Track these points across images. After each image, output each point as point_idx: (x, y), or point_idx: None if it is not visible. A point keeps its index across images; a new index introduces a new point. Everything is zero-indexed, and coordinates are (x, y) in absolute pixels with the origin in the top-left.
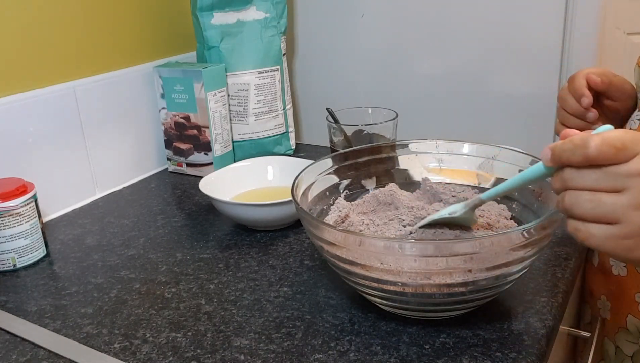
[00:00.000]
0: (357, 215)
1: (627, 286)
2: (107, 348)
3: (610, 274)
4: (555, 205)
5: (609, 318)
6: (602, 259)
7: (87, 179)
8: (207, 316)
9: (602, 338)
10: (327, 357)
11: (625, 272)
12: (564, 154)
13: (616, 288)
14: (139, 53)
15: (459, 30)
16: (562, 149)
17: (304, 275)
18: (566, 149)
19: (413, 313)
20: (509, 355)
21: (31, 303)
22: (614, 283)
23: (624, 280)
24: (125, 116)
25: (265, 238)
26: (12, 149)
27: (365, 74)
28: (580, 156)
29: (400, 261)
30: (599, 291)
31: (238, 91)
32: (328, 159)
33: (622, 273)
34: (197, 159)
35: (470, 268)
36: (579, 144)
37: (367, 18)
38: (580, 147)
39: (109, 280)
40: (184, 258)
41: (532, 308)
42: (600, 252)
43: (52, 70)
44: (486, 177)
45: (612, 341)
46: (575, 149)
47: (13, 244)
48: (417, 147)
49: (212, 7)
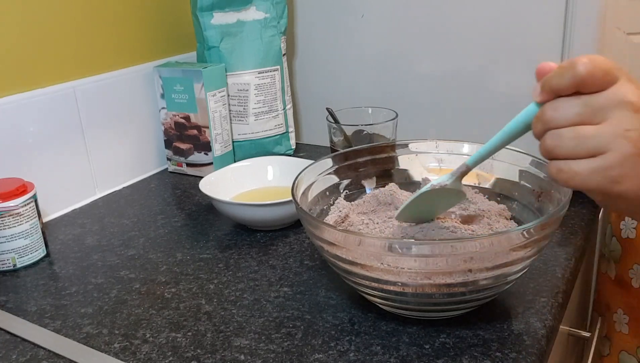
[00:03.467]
0: (357, 215)
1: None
2: (107, 348)
3: (629, 287)
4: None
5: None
6: (620, 272)
7: (87, 179)
8: (207, 316)
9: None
10: (327, 357)
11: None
12: (553, 81)
13: (637, 301)
14: (139, 53)
15: (459, 30)
16: (550, 76)
17: (304, 275)
18: (554, 75)
19: (413, 313)
20: (509, 355)
21: (31, 303)
22: (634, 296)
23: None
24: (125, 116)
25: (265, 238)
26: (12, 149)
27: (365, 74)
28: (570, 78)
29: (400, 261)
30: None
31: (238, 91)
32: (328, 159)
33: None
34: (197, 159)
35: (470, 268)
36: (567, 67)
37: (367, 18)
38: (568, 69)
39: (109, 280)
40: (184, 258)
41: (532, 308)
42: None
43: (52, 70)
44: (486, 177)
45: (633, 355)
46: (563, 73)
47: (13, 244)
48: (417, 147)
49: (212, 7)
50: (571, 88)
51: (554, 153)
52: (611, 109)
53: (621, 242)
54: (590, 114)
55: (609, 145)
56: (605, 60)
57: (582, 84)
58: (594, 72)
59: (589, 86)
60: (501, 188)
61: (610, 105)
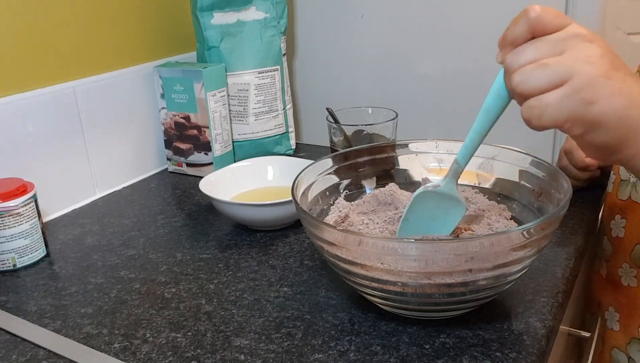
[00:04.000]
0: (357, 215)
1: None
2: (107, 348)
3: (619, 285)
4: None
5: (618, 330)
6: (610, 270)
7: (87, 179)
8: (207, 316)
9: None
10: (327, 357)
11: (635, 283)
12: (508, 34)
13: (626, 299)
14: (139, 53)
15: (459, 30)
16: (506, 32)
17: (304, 275)
18: (509, 28)
19: (413, 313)
20: (509, 355)
21: (31, 303)
22: (624, 294)
23: (634, 291)
24: (125, 116)
25: (265, 238)
26: (12, 149)
27: (365, 74)
28: (524, 25)
29: (400, 261)
30: (607, 303)
31: (238, 91)
32: (328, 159)
33: (632, 283)
34: (197, 159)
35: (470, 268)
36: (520, 16)
37: (367, 18)
38: (521, 17)
39: (109, 280)
40: (184, 258)
41: (532, 308)
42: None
43: (52, 70)
44: (486, 177)
45: (623, 352)
46: (517, 22)
47: (13, 244)
48: (417, 147)
49: (212, 7)
50: (527, 34)
51: (521, 89)
52: (568, 40)
53: (611, 241)
54: (549, 49)
55: (574, 70)
56: (554, 9)
57: (536, 28)
58: (545, 14)
59: (542, 28)
60: (501, 188)
61: (566, 38)
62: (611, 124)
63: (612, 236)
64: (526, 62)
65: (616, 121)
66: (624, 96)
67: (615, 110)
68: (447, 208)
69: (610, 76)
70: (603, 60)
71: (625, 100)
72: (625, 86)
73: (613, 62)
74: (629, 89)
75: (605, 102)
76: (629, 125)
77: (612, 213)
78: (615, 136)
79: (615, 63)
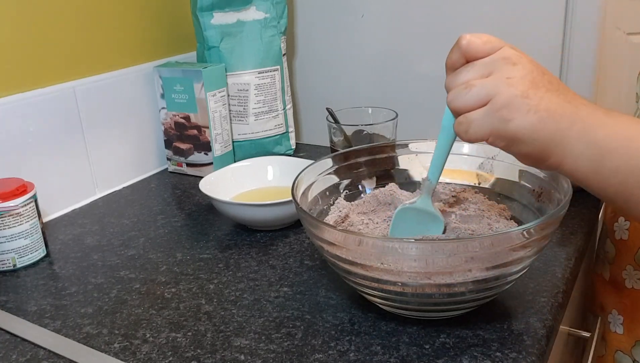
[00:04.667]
0: (357, 215)
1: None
2: (107, 348)
3: (622, 288)
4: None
5: (622, 333)
6: (614, 273)
7: (87, 179)
8: (207, 316)
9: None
10: (327, 357)
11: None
12: (447, 60)
13: (630, 302)
14: (139, 53)
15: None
16: (447, 58)
17: (304, 275)
18: (449, 55)
19: (413, 313)
20: (509, 355)
21: (31, 303)
22: (628, 297)
23: (638, 294)
24: (125, 116)
25: (265, 238)
26: (12, 149)
27: (365, 73)
28: (457, 51)
29: (400, 261)
30: (610, 305)
31: (238, 91)
32: (328, 159)
33: (636, 286)
34: (197, 159)
35: (470, 268)
36: (456, 44)
37: (367, 18)
38: (456, 45)
39: (109, 280)
40: (184, 258)
41: (532, 308)
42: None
43: (52, 70)
44: (486, 177)
45: (627, 355)
46: (453, 49)
47: (13, 244)
48: (417, 147)
49: (212, 7)
50: (461, 59)
51: (454, 108)
52: (494, 64)
53: (615, 243)
54: (477, 72)
55: (495, 90)
56: (486, 35)
57: (467, 54)
58: (474, 41)
59: (474, 53)
60: (501, 188)
61: (492, 61)
62: (527, 138)
63: (616, 239)
64: (459, 84)
65: (531, 135)
66: (539, 112)
67: (530, 125)
68: (426, 223)
69: (528, 95)
70: (522, 81)
71: (539, 116)
72: (542, 102)
73: (533, 82)
74: (546, 105)
75: (521, 118)
76: (546, 137)
77: (615, 215)
78: (535, 148)
79: (537, 81)
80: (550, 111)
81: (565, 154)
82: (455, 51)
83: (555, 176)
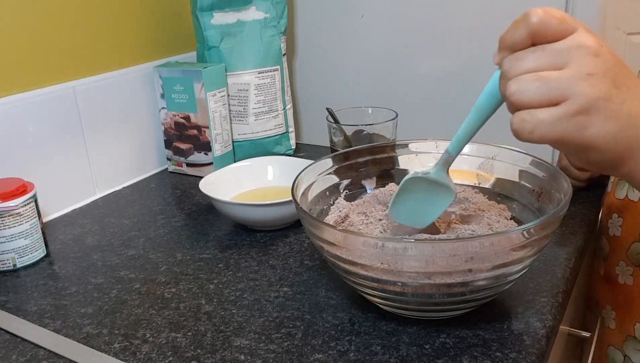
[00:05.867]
0: (357, 215)
1: (634, 295)
2: (107, 348)
3: (616, 283)
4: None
5: (614, 328)
6: (608, 269)
7: (87, 179)
8: (207, 316)
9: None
10: (327, 357)
11: (632, 281)
12: (507, 37)
13: (623, 297)
14: (139, 53)
15: (459, 30)
16: (505, 33)
17: (304, 275)
18: (509, 31)
19: (413, 313)
20: (509, 355)
21: (31, 303)
22: (620, 292)
23: (630, 289)
24: (125, 116)
25: (265, 238)
26: (12, 149)
27: (365, 74)
28: (524, 30)
29: (400, 261)
30: (604, 301)
31: (238, 91)
32: (328, 159)
33: (628, 282)
34: (197, 159)
35: (470, 268)
36: (521, 20)
37: (367, 18)
38: (522, 22)
39: (109, 280)
40: (184, 258)
41: (532, 308)
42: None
43: (52, 70)
44: (486, 177)
45: (619, 350)
46: (517, 26)
47: (13, 244)
48: (417, 147)
49: (212, 7)
50: (527, 40)
51: (516, 99)
52: (571, 52)
53: (608, 239)
54: (550, 60)
55: (573, 90)
56: (560, 11)
57: (536, 34)
58: (548, 20)
59: (544, 35)
60: (501, 188)
61: (569, 49)
62: (604, 146)
63: (609, 235)
64: (524, 71)
65: (609, 144)
66: (621, 118)
67: (609, 133)
68: (436, 194)
69: (610, 97)
70: (605, 79)
71: (621, 122)
72: (624, 106)
73: (615, 79)
74: (628, 109)
75: (600, 125)
76: (624, 146)
77: (609, 211)
78: (609, 156)
79: (618, 79)
80: (632, 116)
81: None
82: (520, 27)
83: (556, 176)
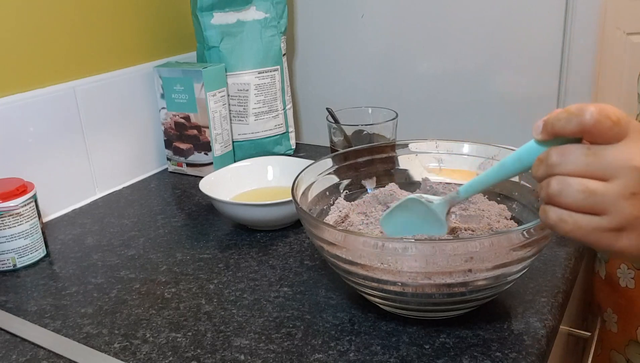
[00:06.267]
0: (357, 215)
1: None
2: (107, 348)
3: (617, 286)
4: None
5: (616, 331)
6: (609, 271)
7: (87, 179)
8: (207, 316)
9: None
10: (327, 357)
11: (633, 284)
12: (557, 123)
13: (624, 300)
14: (139, 53)
15: (459, 30)
16: (556, 118)
17: (304, 275)
18: (561, 118)
19: (413, 313)
20: (509, 355)
21: (31, 303)
22: (622, 295)
23: (632, 292)
24: (125, 116)
25: (265, 238)
26: (12, 149)
27: (365, 74)
28: (576, 125)
29: (400, 261)
30: (605, 303)
31: (238, 91)
32: (328, 159)
33: (630, 285)
34: (197, 159)
35: (470, 268)
36: (575, 113)
37: (367, 18)
38: (576, 115)
39: (109, 280)
40: (184, 258)
41: (532, 308)
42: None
43: (52, 70)
44: None
45: (621, 353)
46: (570, 118)
47: (13, 244)
48: (417, 147)
49: (212, 7)
50: (576, 134)
51: (556, 200)
52: (620, 168)
53: None
54: (598, 168)
55: (615, 206)
56: (615, 110)
57: (588, 133)
58: (602, 121)
59: (595, 135)
60: (501, 188)
61: (619, 164)
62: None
63: None
64: (572, 172)
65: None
66: None
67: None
68: (429, 224)
69: None
70: None
71: None
72: None
73: None
74: None
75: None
76: None
77: None
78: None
79: None
80: None
81: None
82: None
83: None
